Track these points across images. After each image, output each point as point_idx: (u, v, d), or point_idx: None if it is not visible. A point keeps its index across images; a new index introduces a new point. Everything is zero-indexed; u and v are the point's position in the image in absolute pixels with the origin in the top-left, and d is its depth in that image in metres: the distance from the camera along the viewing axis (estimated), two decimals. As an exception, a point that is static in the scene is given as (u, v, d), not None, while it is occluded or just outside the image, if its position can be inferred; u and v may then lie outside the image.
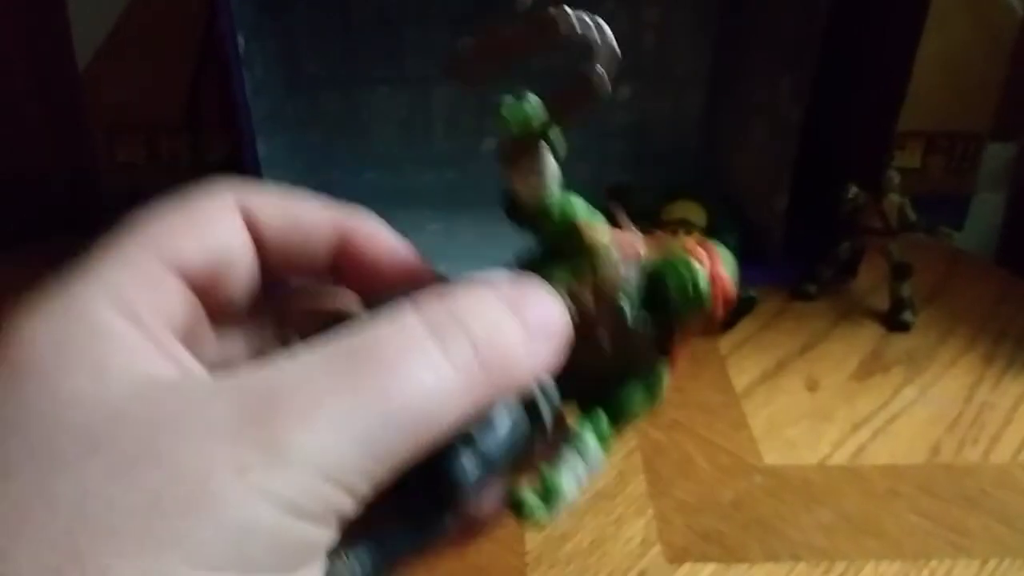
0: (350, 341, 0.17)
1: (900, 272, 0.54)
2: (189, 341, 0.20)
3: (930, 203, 0.56)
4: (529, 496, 0.21)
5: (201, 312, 0.21)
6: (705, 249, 0.22)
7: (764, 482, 0.42)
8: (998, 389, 0.49)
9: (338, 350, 0.17)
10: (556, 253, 0.22)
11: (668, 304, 0.21)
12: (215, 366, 0.19)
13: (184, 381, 0.18)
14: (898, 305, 0.54)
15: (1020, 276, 0.60)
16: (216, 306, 0.21)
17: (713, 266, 0.21)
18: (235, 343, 0.23)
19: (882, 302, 0.55)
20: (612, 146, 0.69)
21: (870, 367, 0.51)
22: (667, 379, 0.23)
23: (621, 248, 0.22)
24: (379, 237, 0.23)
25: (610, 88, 0.18)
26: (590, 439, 0.22)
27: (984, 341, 0.53)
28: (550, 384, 0.21)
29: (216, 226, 0.21)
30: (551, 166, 0.22)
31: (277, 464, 0.15)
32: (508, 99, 0.21)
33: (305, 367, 0.17)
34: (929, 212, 0.54)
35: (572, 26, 0.18)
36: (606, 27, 0.18)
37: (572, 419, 0.23)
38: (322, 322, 0.20)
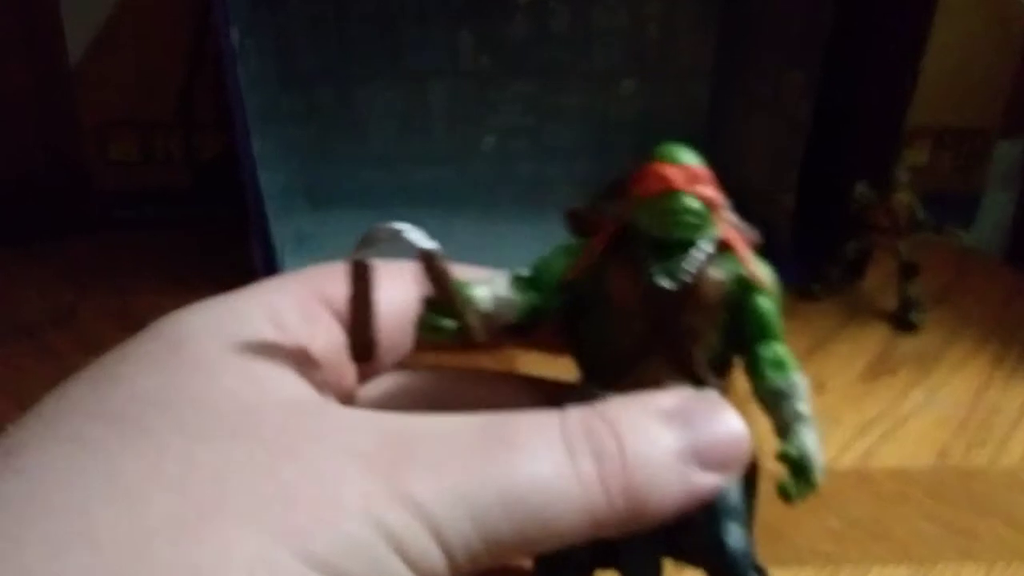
0: (491, 418, 0.19)
1: (908, 272, 0.53)
2: (330, 371, 0.21)
3: (938, 201, 0.55)
4: (785, 483, 0.22)
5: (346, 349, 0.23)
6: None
7: (770, 486, 0.41)
8: (1007, 391, 0.48)
9: (477, 422, 0.18)
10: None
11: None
12: (347, 399, 0.22)
13: (329, 406, 0.19)
14: (906, 305, 0.53)
15: (1030, 275, 0.59)
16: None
17: None
18: (374, 384, 0.24)
19: (890, 302, 0.55)
20: (615, 140, 0.68)
21: (877, 368, 0.50)
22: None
23: (723, 237, 0.22)
24: None
25: None
26: (798, 379, 0.22)
27: (993, 342, 0.52)
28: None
29: (382, 280, 0.22)
30: None
31: (396, 505, 0.17)
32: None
33: (443, 428, 0.18)
34: (937, 211, 0.53)
35: None
36: None
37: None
38: None
